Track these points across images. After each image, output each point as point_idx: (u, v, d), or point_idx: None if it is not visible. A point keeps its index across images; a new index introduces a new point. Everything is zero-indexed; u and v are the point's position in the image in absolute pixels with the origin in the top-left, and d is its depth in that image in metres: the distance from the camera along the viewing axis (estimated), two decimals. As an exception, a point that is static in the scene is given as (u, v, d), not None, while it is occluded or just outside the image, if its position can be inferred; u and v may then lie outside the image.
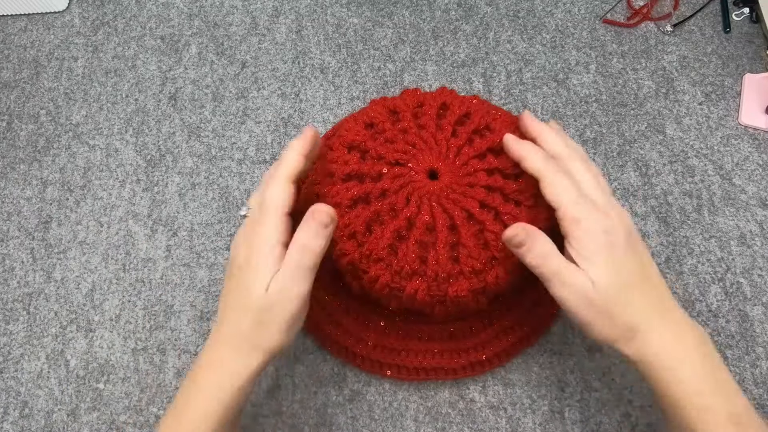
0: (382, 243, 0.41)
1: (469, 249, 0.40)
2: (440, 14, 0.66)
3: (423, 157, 0.43)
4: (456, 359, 0.47)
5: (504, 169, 0.42)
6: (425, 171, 0.43)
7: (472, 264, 0.40)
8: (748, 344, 0.48)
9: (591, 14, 0.65)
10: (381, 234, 0.41)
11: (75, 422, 0.49)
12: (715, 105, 0.59)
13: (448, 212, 0.42)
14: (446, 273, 0.40)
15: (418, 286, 0.41)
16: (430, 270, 0.40)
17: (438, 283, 0.41)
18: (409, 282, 0.41)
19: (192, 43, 0.66)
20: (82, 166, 0.60)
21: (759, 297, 0.50)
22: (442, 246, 0.40)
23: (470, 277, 0.41)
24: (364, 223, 0.41)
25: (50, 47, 0.68)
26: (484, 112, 0.45)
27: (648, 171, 0.56)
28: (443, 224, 0.41)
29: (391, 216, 0.42)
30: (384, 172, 0.43)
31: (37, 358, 0.52)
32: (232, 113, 0.62)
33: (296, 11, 0.67)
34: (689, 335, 0.36)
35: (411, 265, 0.40)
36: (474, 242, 0.41)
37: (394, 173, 0.43)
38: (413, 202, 0.42)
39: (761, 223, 0.53)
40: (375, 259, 0.41)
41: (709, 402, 0.34)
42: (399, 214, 0.41)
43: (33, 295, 0.54)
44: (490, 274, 0.41)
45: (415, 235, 0.41)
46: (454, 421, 0.48)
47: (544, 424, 0.47)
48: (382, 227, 0.41)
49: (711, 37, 0.62)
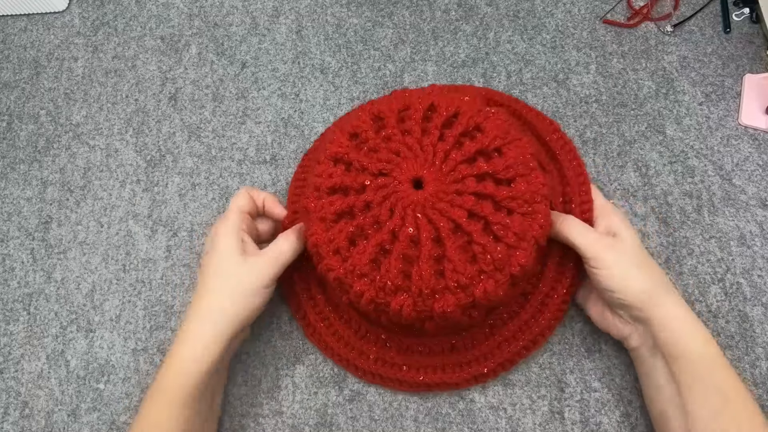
0: (365, 258, 0.39)
1: (454, 263, 0.39)
2: (440, 14, 0.66)
3: (407, 165, 0.42)
4: (458, 372, 0.47)
5: (495, 173, 0.41)
6: (409, 180, 0.42)
7: (458, 279, 0.39)
8: (748, 345, 0.48)
9: (591, 14, 0.65)
10: (364, 249, 0.40)
11: (75, 422, 0.49)
12: (715, 105, 0.59)
13: (433, 223, 0.40)
14: (430, 288, 0.39)
15: (403, 302, 0.39)
16: (415, 286, 0.39)
17: (423, 298, 0.39)
18: (393, 297, 0.40)
19: (192, 43, 0.66)
20: (82, 166, 0.60)
21: (759, 297, 0.50)
22: (425, 260, 0.39)
23: (456, 292, 0.39)
24: (347, 237, 0.40)
25: (50, 47, 0.68)
26: (474, 112, 0.43)
27: (648, 171, 0.56)
28: (428, 236, 0.39)
29: (375, 229, 0.40)
30: (367, 184, 0.42)
31: (37, 359, 0.52)
32: (232, 113, 0.62)
33: (296, 11, 0.67)
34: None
35: (394, 280, 0.39)
36: (460, 256, 0.39)
37: (377, 184, 0.42)
38: (397, 214, 0.40)
39: (761, 223, 0.53)
40: (359, 274, 0.40)
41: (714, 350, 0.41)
42: (382, 227, 0.40)
43: (33, 295, 0.54)
44: (478, 288, 0.39)
45: (398, 248, 0.39)
46: (454, 421, 0.48)
47: (544, 424, 0.47)
48: (365, 241, 0.40)
49: (711, 37, 0.62)
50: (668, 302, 0.42)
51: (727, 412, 0.39)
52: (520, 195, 0.40)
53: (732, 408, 0.39)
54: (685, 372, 0.40)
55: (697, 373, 0.40)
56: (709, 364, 0.40)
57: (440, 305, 0.39)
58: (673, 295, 0.43)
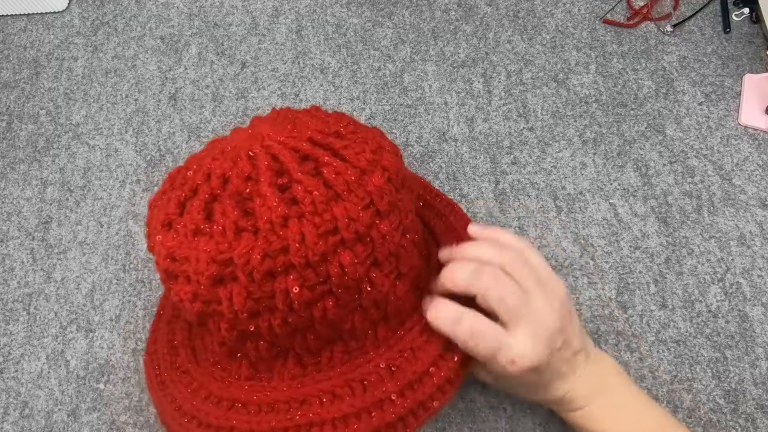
0: (195, 213, 0.33)
1: (304, 184, 0.32)
2: (440, 14, 0.66)
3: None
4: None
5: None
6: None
7: (312, 200, 0.32)
8: (748, 344, 0.48)
9: (591, 14, 0.65)
10: (192, 206, 0.33)
11: (75, 422, 0.49)
12: (715, 105, 0.59)
13: (270, 152, 0.34)
14: (280, 217, 0.31)
15: (250, 248, 0.31)
16: (260, 220, 0.32)
17: (274, 235, 0.31)
18: (238, 244, 0.31)
19: (192, 43, 0.66)
20: (82, 166, 0.60)
21: (758, 297, 0.50)
22: (268, 186, 0.32)
23: (312, 217, 0.32)
24: (177, 204, 0.34)
25: (50, 47, 0.68)
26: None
27: (648, 171, 0.56)
28: (267, 165, 0.33)
29: (204, 182, 0.34)
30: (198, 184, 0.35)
31: (37, 359, 0.52)
32: (232, 113, 0.62)
33: (296, 11, 0.67)
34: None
35: (232, 221, 0.32)
36: (309, 179, 0.33)
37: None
38: (228, 158, 0.34)
39: (761, 223, 0.53)
40: (192, 231, 0.32)
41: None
42: (210, 177, 0.34)
43: (33, 295, 0.54)
44: (338, 209, 0.32)
45: (232, 187, 0.33)
46: (454, 421, 0.48)
47: (544, 424, 0.47)
48: (195, 197, 0.34)
49: (711, 37, 0.62)
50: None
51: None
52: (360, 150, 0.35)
53: None
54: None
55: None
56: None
57: (295, 235, 0.31)
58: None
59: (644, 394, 0.41)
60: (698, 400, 0.46)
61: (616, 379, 0.41)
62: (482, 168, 0.57)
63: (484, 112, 0.60)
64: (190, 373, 0.40)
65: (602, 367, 0.40)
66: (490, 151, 0.58)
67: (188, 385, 0.39)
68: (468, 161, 0.57)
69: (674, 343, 0.48)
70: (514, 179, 0.56)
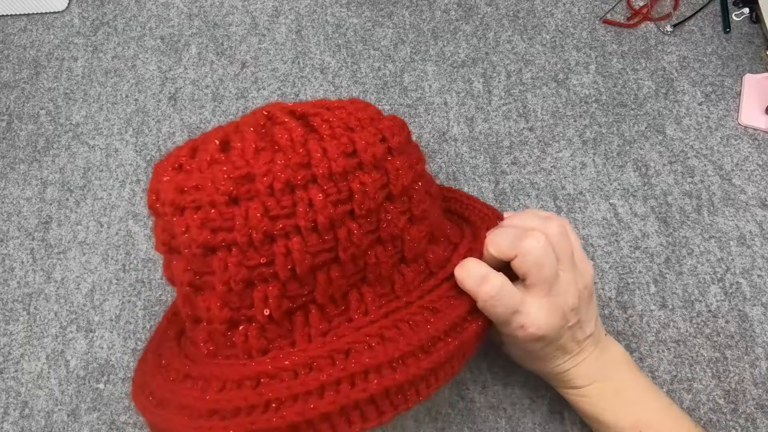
0: (208, 151, 0.32)
1: (321, 114, 0.33)
2: (440, 14, 0.66)
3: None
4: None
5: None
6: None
7: (331, 125, 0.32)
8: (748, 344, 0.48)
9: (591, 14, 0.65)
10: (206, 147, 0.33)
11: (75, 422, 0.49)
12: (715, 105, 0.59)
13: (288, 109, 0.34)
14: (302, 138, 0.31)
15: (271, 170, 0.30)
16: (282, 148, 0.31)
17: (296, 155, 0.30)
18: (258, 174, 0.30)
19: (192, 43, 0.66)
20: (82, 166, 0.60)
21: (758, 297, 0.50)
22: (288, 118, 0.33)
23: (330, 139, 0.31)
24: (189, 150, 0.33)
25: (50, 47, 0.68)
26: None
27: (648, 171, 0.56)
28: (282, 111, 0.34)
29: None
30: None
31: (37, 359, 0.52)
32: (232, 113, 0.62)
33: (296, 11, 0.67)
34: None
35: (250, 154, 0.31)
36: (326, 113, 0.33)
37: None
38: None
39: (761, 223, 0.53)
40: (207, 162, 0.31)
41: None
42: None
43: (33, 295, 0.54)
44: (359, 136, 0.32)
45: (247, 122, 0.33)
46: (454, 421, 0.48)
47: (543, 424, 0.47)
48: (207, 144, 0.33)
49: (711, 37, 0.62)
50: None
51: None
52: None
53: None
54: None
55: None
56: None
57: (316, 150, 0.31)
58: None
59: (650, 384, 0.41)
60: (698, 400, 0.46)
61: (622, 366, 0.41)
62: (482, 168, 0.57)
63: (484, 112, 0.60)
64: (192, 375, 0.36)
65: (610, 354, 0.41)
66: (490, 151, 0.58)
67: (193, 387, 0.35)
68: (468, 161, 0.57)
69: (674, 343, 0.48)
70: (514, 179, 0.56)
